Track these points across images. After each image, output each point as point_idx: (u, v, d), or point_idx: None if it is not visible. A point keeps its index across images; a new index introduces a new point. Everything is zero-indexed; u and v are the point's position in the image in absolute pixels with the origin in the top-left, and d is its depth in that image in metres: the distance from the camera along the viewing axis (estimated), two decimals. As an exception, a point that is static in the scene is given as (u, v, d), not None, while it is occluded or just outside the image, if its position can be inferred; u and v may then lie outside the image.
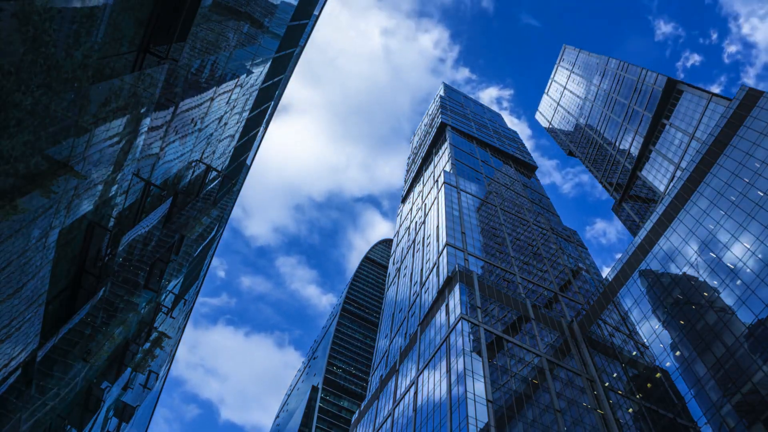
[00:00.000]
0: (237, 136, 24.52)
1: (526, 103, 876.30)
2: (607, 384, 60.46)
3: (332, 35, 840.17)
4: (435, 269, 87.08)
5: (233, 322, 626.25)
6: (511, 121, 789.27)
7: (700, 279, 54.58)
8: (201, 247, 27.88)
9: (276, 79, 26.52)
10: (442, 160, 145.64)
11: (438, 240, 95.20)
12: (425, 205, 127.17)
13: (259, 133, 31.65)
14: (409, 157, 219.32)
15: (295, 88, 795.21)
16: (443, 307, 71.44)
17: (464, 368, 54.27)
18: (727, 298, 49.88)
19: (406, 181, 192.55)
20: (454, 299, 68.86)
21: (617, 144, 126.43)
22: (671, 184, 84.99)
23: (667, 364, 54.79)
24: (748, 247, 49.93)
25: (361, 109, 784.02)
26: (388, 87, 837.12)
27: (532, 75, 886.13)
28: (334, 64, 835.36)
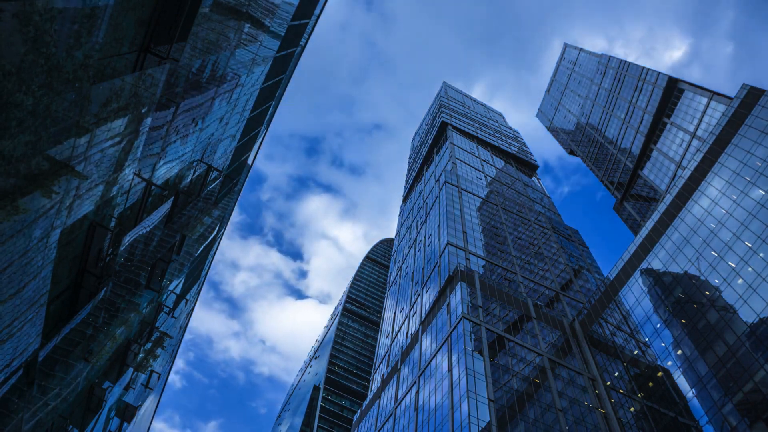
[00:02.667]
0: (238, 135, 24.53)
1: (527, 102, 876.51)
2: (608, 383, 60.41)
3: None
4: (436, 268, 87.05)
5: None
6: (511, 119, 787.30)
7: (702, 278, 54.52)
8: (202, 247, 27.88)
9: (277, 79, 26.52)
10: (443, 160, 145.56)
11: (439, 239, 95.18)
12: (426, 204, 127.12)
13: (261, 133, 31.65)
14: (410, 157, 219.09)
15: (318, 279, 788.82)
16: (445, 307, 71.42)
17: (466, 367, 54.27)
18: (729, 297, 49.82)
19: (407, 181, 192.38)
20: (456, 298, 68.84)
21: (618, 143, 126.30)
22: (672, 183, 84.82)
23: (669, 363, 54.75)
24: (750, 245, 49.86)
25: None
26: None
27: (533, 73, 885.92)
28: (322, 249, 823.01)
